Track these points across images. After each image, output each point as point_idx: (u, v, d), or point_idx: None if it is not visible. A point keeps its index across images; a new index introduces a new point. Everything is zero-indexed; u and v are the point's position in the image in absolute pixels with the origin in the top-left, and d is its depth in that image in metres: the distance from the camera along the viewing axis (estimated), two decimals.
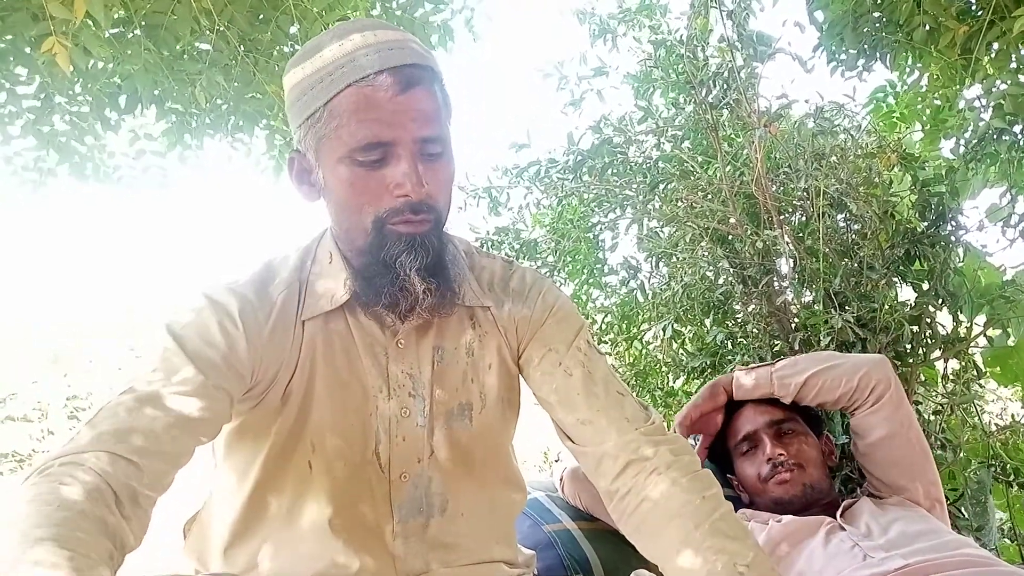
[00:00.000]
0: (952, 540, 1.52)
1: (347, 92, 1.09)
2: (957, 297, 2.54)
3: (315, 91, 1.11)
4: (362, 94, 1.08)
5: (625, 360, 3.44)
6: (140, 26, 2.32)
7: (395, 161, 1.10)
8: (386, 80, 1.08)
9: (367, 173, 1.11)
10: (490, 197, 3.13)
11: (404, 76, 1.09)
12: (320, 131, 1.12)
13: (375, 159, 1.10)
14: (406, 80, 1.09)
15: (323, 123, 1.11)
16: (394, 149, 1.10)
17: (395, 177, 1.10)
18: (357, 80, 1.08)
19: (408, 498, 1.26)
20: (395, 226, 1.13)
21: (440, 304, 1.19)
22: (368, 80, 1.08)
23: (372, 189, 1.12)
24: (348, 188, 1.13)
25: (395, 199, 1.11)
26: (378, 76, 1.08)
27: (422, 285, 1.15)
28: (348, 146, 1.09)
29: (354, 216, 1.15)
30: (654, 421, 1.25)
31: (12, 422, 8.58)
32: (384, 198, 1.12)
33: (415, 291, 1.15)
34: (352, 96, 1.09)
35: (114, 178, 3.17)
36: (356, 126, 1.09)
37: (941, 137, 2.97)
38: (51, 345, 10.25)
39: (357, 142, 1.09)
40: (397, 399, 1.24)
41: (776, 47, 2.63)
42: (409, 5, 2.87)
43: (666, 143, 3.03)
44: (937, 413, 2.64)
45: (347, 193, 1.13)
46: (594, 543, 1.80)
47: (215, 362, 1.10)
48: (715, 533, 1.09)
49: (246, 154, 3.32)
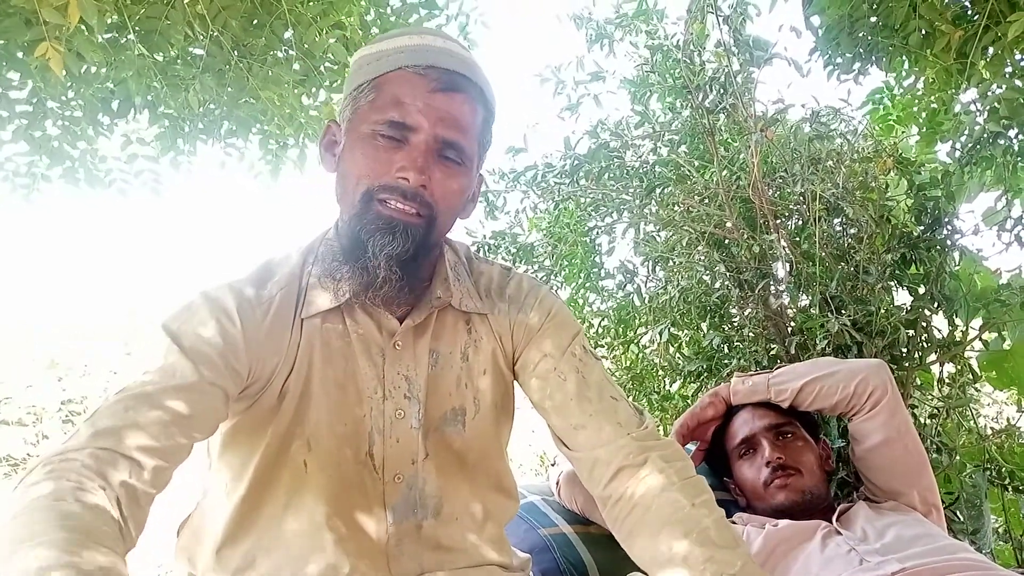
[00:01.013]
0: (948, 544, 1.52)
1: (396, 73, 1.15)
2: (953, 301, 2.55)
3: (369, 67, 1.18)
4: (407, 78, 1.15)
5: (621, 364, 3.43)
6: (134, 31, 2.32)
7: (408, 146, 1.14)
8: (434, 75, 1.15)
9: (382, 148, 1.15)
10: (487, 201, 3.13)
11: (451, 79, 1.16)
12: (359, 102, 1.17)
13: (395, 140, 1.14)
14: (453, 83, 1.16)
15: (365, 94, 1.17)
16: (412, 136, 1.14)
17: (401, 159, 1.14)
18: (408, 65, 1.15)
19: (402, 499, 1.26)
20: (381, 204, 1.14)
21: (396, 297, 1.19)
22: (418, 69, 1.15)
23: (378, 163, 1.15)
24: (358, 159, 1.16)
25: (393, 178, 1.14)
26: (428, 69, 1.15)
27: (384, 271, 1.15)
28: (376, 120, 1.14)
29: (350, 184, 1.17)
30: (647, 426, 1.25)
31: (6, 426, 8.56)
32: (384, 175, 1.14)
33: (376, 273, 1.15)
34: (399, 77, 1.15)
35: (106, 182, 3.16)
36: (390, 102, 1.14)
37: (937, 141, 2.97)
38: (46, 349, 10.22)
39: (385, 117, 1.14)
40: (392, 400, 1.24)
41: (772, 52, 2.63)
42: (403, 10, 2.87)
43: (663, 147, 3.03)
44: (933, 417, 2.64)
45: (356, 162, 1.16)
46: (590, 547, 1.80)
47: (212, 359, 1.10)
48: (704, 541, 1.08)
49: (239, 159, 3.31)
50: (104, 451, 0.95)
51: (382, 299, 1.19)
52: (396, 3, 2.90)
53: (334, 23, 2.50)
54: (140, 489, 0.96)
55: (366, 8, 2.81)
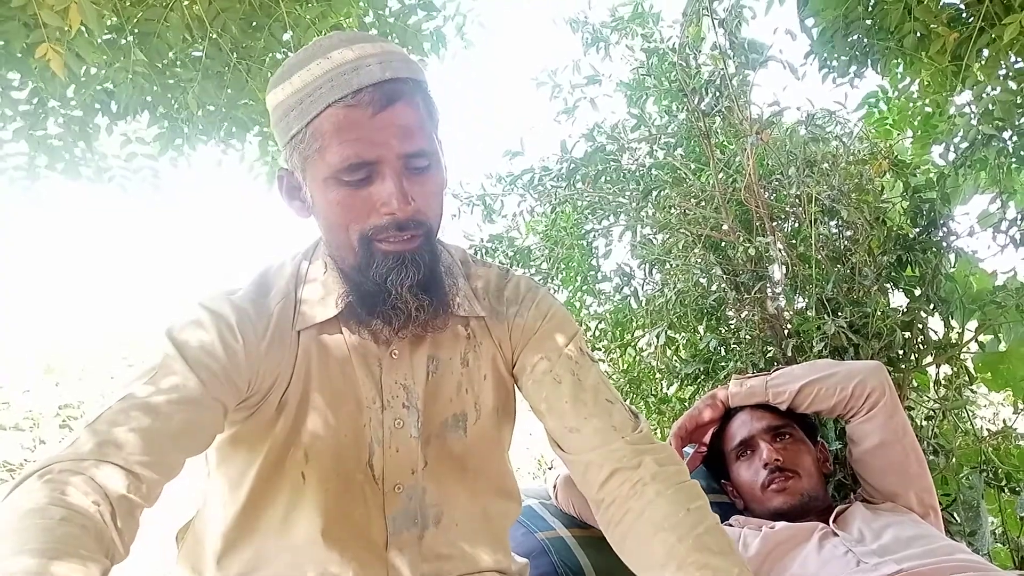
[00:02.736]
0: (945, 545, 1.52)
1: (327, 112, 1.08)
2: (949, 303, 2.55)
3: (296, 112, 1.10)
4: (342, 114, 1.07)
5: (619, 367, 3.43)
6: (133, 33, 2.32)
7: (380, 179, 1.09)
8: (366, 98, 1.07)
9: (353, 192, 1.10)
10: (484, 205, 3.14)
11: (384, 92, 1.08)
12: (304, 151, 1.11)
13: (360, 178, 1.09)
14: (387, 96, 1.08)
15: (306, 144, 1.10)
16: (378, 167, 1.09)
17: (380, 196, 1.09)
18: (336, 100, 1.07)
19: (402, 509, 1.26)
20: (381, 244, 1.13)
21: (434, 319, 1.19)
22: (347, 99, 1.07)
23: (358, 207, 1.11)
24: (335, 207, 1.12)
25: (381, 217, 1.10)
26: (357, 94, 1.07)
27: (415, 302, 1.15)
28: (332, 167, 1.09)
29: (341, 235, 1.14)
30: (642, 429, 1.23)
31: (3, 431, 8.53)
32: (370, 216, 1.11)
33: (408, 308, 1.15)
34: (333, 116, 1.08)
35: (105, 179, 3.16)
36: (339, 146, 1.07)
37: (931, 143, 2.98)
38: (43, 354, 10.19)
39: (341, 163, 1.08)
40: (391, 410, 1.24)
41: (768, 55, 2.64)
42: (401, 13, 2.87)
43: (659, 150, 3.04)
44: (929, 419, 2.64)
45: (334, 212, 1.12)
46: (587, 550, 1.80)
47: (215, 372, 1.09)
48: (699, 548, 1.07)
49: (239, 160, 3.31)
50: (105, 463, 0.95)
51: (422, 325, 1.19)
52: (394, 5, 2.90)
53: (332, 25, 2.50)
54: (136, 502, 0.96)
55: (364, 10, 2.81)
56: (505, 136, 4.06)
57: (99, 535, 0.88)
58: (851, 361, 2.12)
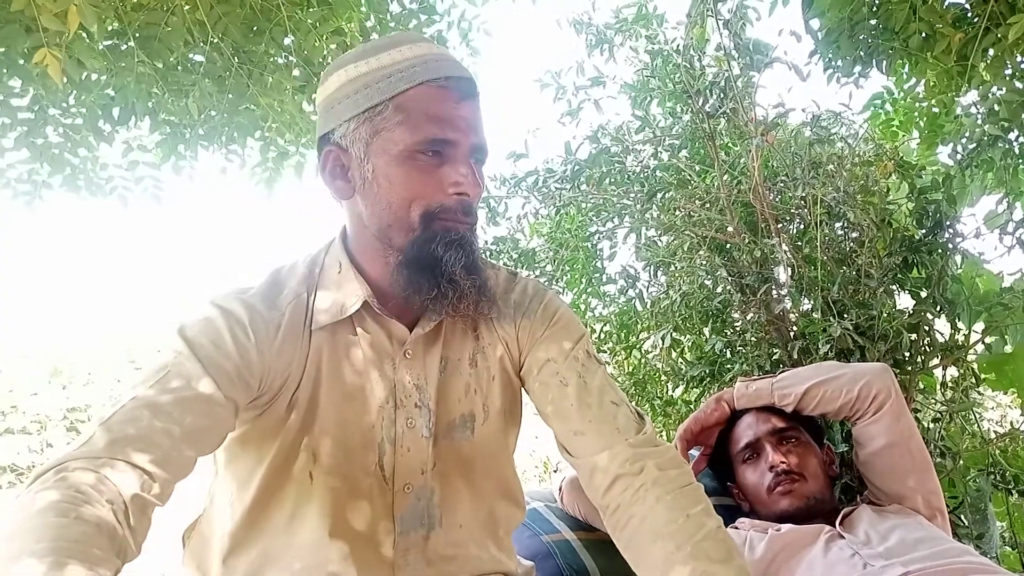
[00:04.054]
0: (952, 548, 1.51)
1: (420, 89, 1.14)
2: (955, 304, 2.54)
3: (381, 85, 1.15)
4: (433, 93, 1.14)
5: (624, 369, 3.43)
6: (134, 38, 2.32)
7: (453, 162, 1.16)
8: (453, 85, 1.15)
9: (425, 168, 1.15)
10: (488, 207, 3.13)
11: (466, 86, 1.17)
12: (380, 124, 1.15)
13: (433, 157, 1.15)
14: (467, 90, 1.17)
15: (386, 116, 1.14)
16: (454, 150, 1.15)
17: (454, 176, 1.15)
18: (430, 79, 1.14)
19: (410, 509, 1.26)
20: (444, 222, 1.16)
21: (479, 302, 1.21)
22: (439, 82, 1.14)
23: (428, 184, 1.15)
24: (403, 181, 1.15)
25: (449, 196, 1.16)
26: (448, 80, 1.15)
27: (467, 282, 1.17)
28: (414, 140, 1.13)
29: (401, 211, 1.16)
30: (646, 432, 1.23)
31: (11, 435, 8.56)
32: (437, 194, 1.16)
33: (462, 286, 1.17)
34: (424, 93, 1.14)
35: (107, 190, 3.17)
36: (424, 122, 1.13)
37: (937, 144, 2.97)
38: (50, 357, 10.22)
39: (424, 136, 1.13)
40: (404, 409, 1.24)
41: (772, 56, 2.63)
42: (403, 17, 2.87)
43: (663, 152, 3.03)
44: (936, 421, 2.63)
45: (400, 186, 1.16)
46: (593, 553, 1.80)
47: (227, 371, 1.10)
48: (698, 555, 1.06)
49: (240, 166, 3.31)
50: (119, 461, 0.96)
51: (472, 305, 1.20)
52: (396, 9, 2.90)
53: (333, 29, 2.51)
54: (149, 501, 0.97)
55: (366, 14, 2.82)
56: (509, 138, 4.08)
57: (112, 534, 0.88)
58: (857, 363, 2.11)
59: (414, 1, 2.95)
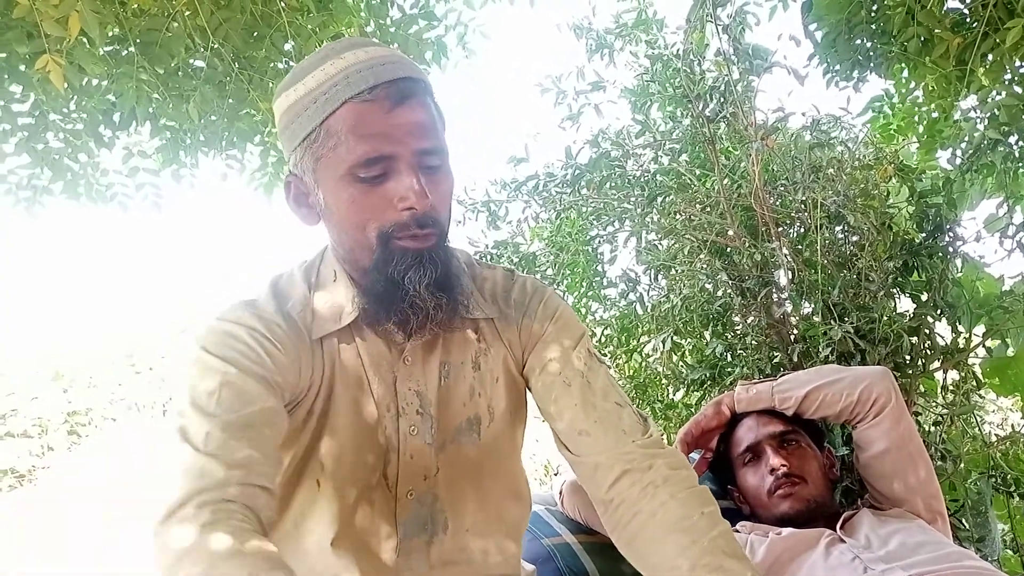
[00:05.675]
0: (953, 552, 1.51)
1: (343, 109, 1.08)
2: (956, 308, 2.55)
3: (310, 111, 1.10)
4: (359, 109, 1.08)
5: (625, 373, 3.43)
6: (134, 43, 2.33)
7: (397, 175, 1.09)
8: (382, 94, 1.08)
9: (369, 189, 1.09)
10: (489, 211, 3.13)
11: (399, 89, 1.09)
12: (317, 151, 1.10)
13: (376, 174, 1.09)
14: (401, 93, 1.09)
15: (320, 142, 1.10)
16: (395, 163, 1.09)
17: (399, 191, 1.09)
18: (353, 96, 1.08)
19: (413, 515, 1.26)
20: (401, 241, 1.12)
21: (451, 319, 1.19)
22: (364, 95, 1.07)
23: (375, 204, 1.10)
24: (350, 206, 1.11)
25: (400, 213, 1.10)
26: (373, 90, 1.08)
27: (432, 301, 1.14)
28: (348, 163, 1.08)
29: (358, 234, 1.13)
30: (652, 434, 1.23)
31: (12, 438, 8.56)
32: (388, 213, 1.10)
33: (426, 307, 1.14)
34: (349, 112, 1.08)
35: (107, 196, 3.17)
36: (355, 142, 1.07)
37: (937, 148, 2.97)
38: (51, 361, 10.23)
39: (357, 158, 1.07)
40: (406, 417, 1.24)
41: (772, 60, 2.63)
42: (403, 22, 2.88)
43: (664, 156, 3.03)
44: (937, 424, 2.63)
45: (349, 211, 1.11)
46: (593, 556, 1.80)
47: (269, 379, 1.10)
48: (713, 551, 1.07)
49: (240, 171, 3.32)
50: (246, 486, 0.98)
51: (439, 325, 1.18)
52: (395, 14, 2.91)
53: (334, 35, 2.51)
54: (271, 517, 1.01)
55: (366, 20, 2.82)
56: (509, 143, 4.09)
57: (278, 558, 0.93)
58: (857, 367, 2.11)
59: (414, 6, 2.95)
